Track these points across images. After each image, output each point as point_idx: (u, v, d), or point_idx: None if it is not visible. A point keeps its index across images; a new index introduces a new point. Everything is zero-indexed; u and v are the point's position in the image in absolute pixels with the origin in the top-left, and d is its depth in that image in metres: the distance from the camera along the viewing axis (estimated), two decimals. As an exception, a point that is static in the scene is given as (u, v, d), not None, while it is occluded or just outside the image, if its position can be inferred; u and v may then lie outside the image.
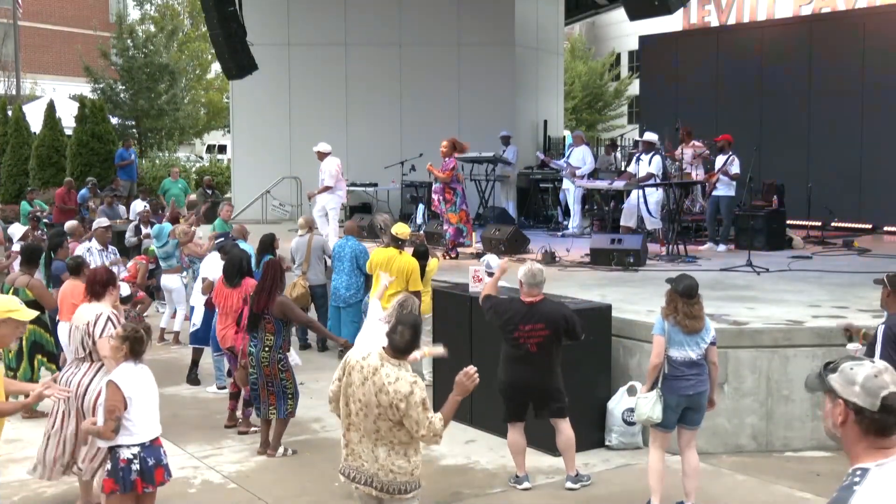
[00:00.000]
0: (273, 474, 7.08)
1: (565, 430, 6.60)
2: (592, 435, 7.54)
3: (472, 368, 4.74)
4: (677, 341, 6.04)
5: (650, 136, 13.34)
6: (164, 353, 11.26)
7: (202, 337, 9.62)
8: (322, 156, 13.24)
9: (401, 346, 4.74)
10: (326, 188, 13.12)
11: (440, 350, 6.54)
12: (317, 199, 13.42)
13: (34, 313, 5.37)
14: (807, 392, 2.75)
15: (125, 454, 5.01)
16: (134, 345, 5.11)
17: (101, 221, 11.25)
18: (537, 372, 6.44)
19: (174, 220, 12.30)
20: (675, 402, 6.05)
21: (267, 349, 7.33)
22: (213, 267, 10.07)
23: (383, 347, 4.78)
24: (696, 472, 6.22)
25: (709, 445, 7.46)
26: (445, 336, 8.49)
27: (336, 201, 13.38)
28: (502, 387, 6.60)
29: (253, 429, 8.02)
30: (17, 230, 12.09)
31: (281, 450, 7.47)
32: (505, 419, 6.69)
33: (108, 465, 5.06)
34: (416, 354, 6.57)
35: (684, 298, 6.04)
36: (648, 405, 6.09)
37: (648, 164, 12.89)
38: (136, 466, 5.01)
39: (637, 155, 13.35)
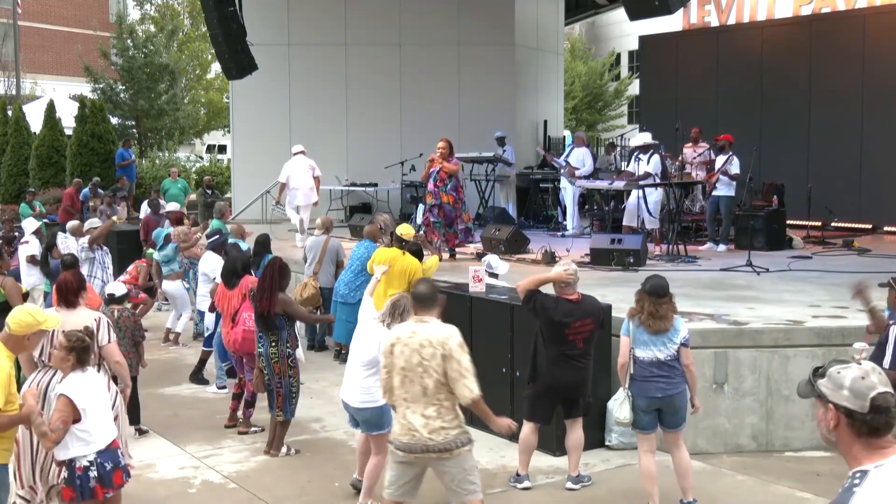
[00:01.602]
0: (273, 474, 7.08)
1: (578, 429, 6.64)
2: (592, 435, 7.53)
3: (513, 426, 5.33)
4: (642, 341, 6.02)
5: (645, 137, 13.36)
6: (164, 353, 11.26)
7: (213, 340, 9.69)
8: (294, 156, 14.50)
9: (427, 293, 5.16)
10: (282, 186, 14.41)
11: None
12: (287, 196, 14.48)
13: (59, 318, 5.36)
14: (800, 398, 2.78)
15: (82, 462, 4.93)
16: (81, 354, 5.02)
17: (72, 224, 11.39)
18: (581, 368, 6.47)
19: (177, 221, 12.31)
20: (644, 403, 6.03)
21: (274, 344, 7.32)
22: (210, 266, 10.11)
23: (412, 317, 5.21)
24: (686, 471, 6.17)
25: (709, 445, 7.47)
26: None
27: (292, 198, 14.38)
28: (543, 388, 6.56)
29: (253, 429, 8.03)
30: (29, 224, 12.05)
31: (284, 449, 7.46)
32: (530, 418, 6.65)
33: (66, 473, 4.95)
34: None
35: (652, 297, 6.01)
36: (617, 406, 6.13)
37: (647, 164, 12.89)
38: (93, 473, 4.93)
39: (636, 155, 13.34)
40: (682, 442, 6.21)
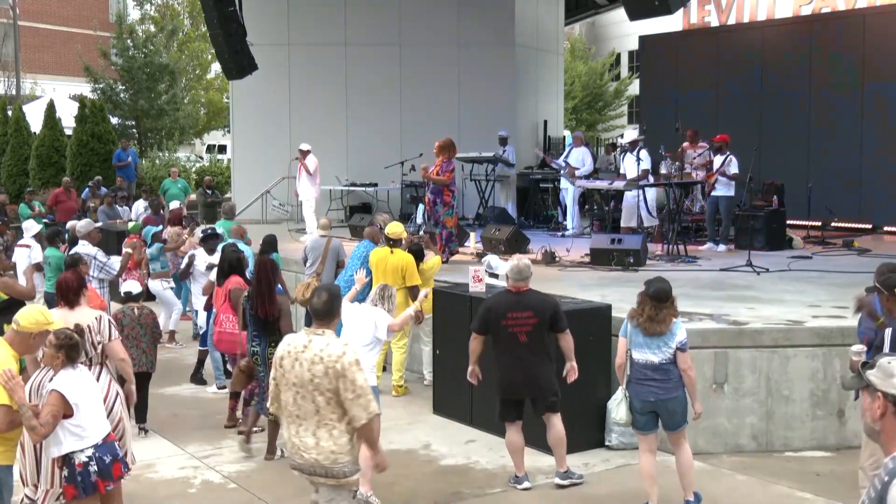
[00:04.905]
0: (273, 474, 7.07)
1: (556, 425, 6.60)
2: (592, 435, 7.54)
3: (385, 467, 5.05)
4: (637, 343, 6.03)
5: (632, 134, 13.41)
6: (164, 354, 11.24)
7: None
8: (305, 154, 14.97)
9: (322, 308, 4.71)
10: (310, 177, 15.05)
11: (423, 294, 7.04)
12: (300, 191, 15.09)
13: (60, 320, 5.38)
14: (844, 390, 2.92)
15: (80, 458, 4.94)
16: (70, 352, 5.03)
17: (85, 224, 11.39)
18: (530, 363, 6.44)
19: (176, 221, 12.31)
20: (639, 405, 6.05)
21: (273, 345, 7.21)
22: (203, 262, 10.18)
23: (305, 326, 4.96)
24: (688, 469, 6.18)
25: (709, 445, 7.47)
26: (445, 336, 8.52)
27: (313, 193, 15.13)
28: (498, 385, 6.60)
29: (254, 429, 8.00)
30: (30, 227, 11.99)
31: (279, 452, 7.36)
32: (500, 418, 6.70)
33: (66, 472, 4.96)
34: (409, 311, 7.22)
35: (653, 301, 5.99)
36: (615, 406, 6.17)
37: (637, 162, 12.83)
38: (93, 468, 4.95)
39: (637, 155, 13.31)
40: (683, 441, 6.20)
